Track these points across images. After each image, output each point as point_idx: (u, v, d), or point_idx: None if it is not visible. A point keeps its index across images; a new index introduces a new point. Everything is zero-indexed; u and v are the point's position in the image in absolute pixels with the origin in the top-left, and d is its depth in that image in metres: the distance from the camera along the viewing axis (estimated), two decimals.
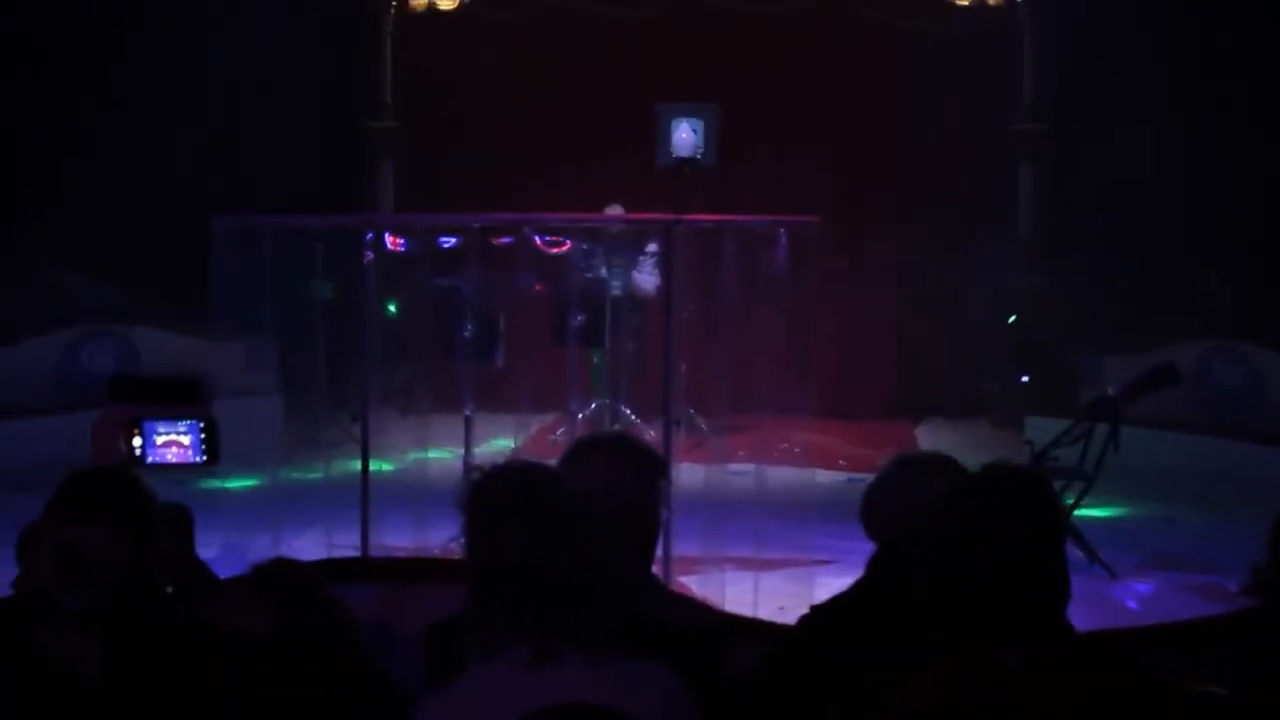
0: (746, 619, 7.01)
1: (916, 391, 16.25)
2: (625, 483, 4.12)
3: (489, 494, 3.45)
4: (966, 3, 15.95)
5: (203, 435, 4.01)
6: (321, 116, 15.77)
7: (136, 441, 4.10)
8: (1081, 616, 3.49)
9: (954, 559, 3.38)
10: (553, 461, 4.00)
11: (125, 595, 3.66)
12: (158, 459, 4.12)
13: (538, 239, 11.29)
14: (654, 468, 4.26)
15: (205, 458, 4.03)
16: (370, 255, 9.92)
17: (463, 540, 3.46)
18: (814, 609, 4.44)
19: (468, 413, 10.82)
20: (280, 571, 4.35)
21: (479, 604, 3.41)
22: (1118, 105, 14.44)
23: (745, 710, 4.16)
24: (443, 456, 11.98)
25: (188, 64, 14.74)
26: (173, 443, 4.07)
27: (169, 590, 4.22)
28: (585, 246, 12.81)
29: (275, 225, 9.85)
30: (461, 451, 10.94)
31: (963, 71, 15.59)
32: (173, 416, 4.04)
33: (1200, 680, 4.33)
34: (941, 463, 4.46)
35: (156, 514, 3.77)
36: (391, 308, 13.13)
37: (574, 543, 3.40)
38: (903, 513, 4.28)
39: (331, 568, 6.49)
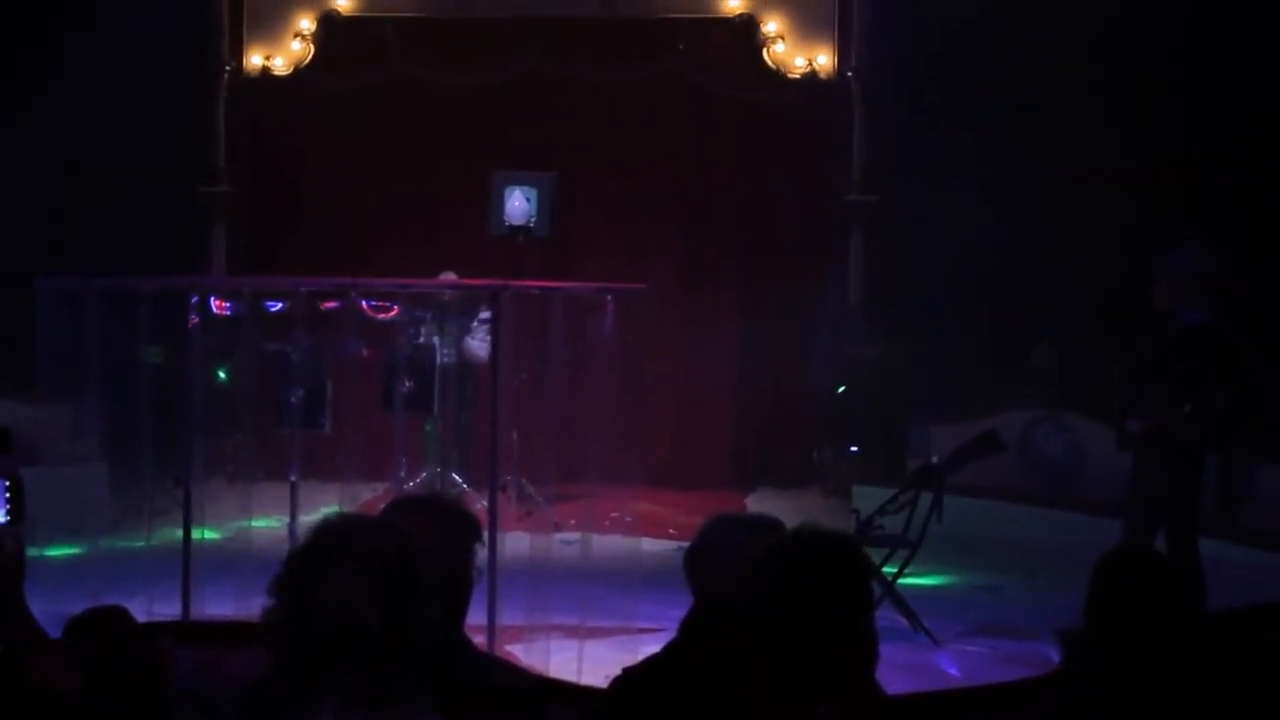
0: (563, 682, 6.99)
1: (750, 461, 16.34)
2: (438, 543, 4.10)
3: (316, 551, 3.32)
4: (799, 75, 16.13)
5: (7, 493, 3.90)
6: (156, 181, 15.57)
7: None
8: (904, 682, 3.50)
9: (764, 618, 3.39)
10: None
11: None
12: None
13: (365, 304, 11.21)
14: (467, 529, 4.24)
15: (9, 518, 3.91)
16: (195, 319, 9.81)
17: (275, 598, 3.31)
18: (626, 671, 4.44)
19: (293, 479, 10.69)
20: (96, 622, 4.24)
21: (292, 664, 3.31)
22: (948, 177, 14.61)
23: None
24: (269, 525, 11.82)
25: (19, 123, 14.52)
26: None
27: None
28: (414, 312, 12.74)
29: (100, 287, 9.73)
30: (288, 520, 10.81)
31: (798, 143, 15.81)
32: None
33: None
34: (763, 523, 4.48)
35: None
36: (222, 374, 12.97)
37: (402, 602, 3.34)
38: (720, 571, 4.30)
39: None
